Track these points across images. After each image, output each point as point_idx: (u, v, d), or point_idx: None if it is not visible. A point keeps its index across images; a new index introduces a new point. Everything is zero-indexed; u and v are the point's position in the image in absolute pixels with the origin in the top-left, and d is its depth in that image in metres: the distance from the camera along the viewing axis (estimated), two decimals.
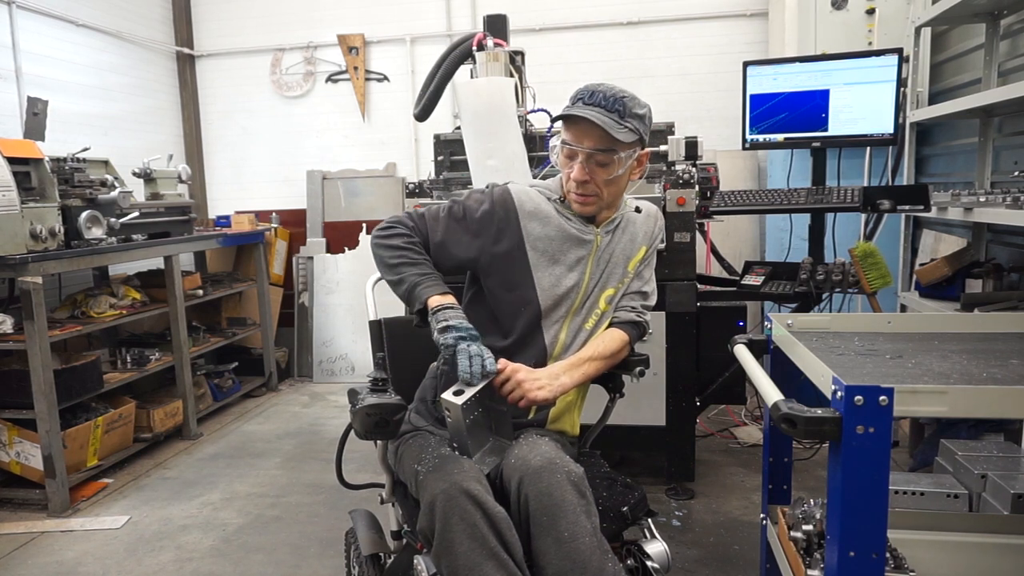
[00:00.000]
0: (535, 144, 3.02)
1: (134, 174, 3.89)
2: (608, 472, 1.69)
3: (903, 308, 3.30)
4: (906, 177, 3.43)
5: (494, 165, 2.68)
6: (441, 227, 1.66)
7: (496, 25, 2.98)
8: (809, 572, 1.41)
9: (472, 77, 2.94)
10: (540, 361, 1.65)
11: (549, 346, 1.66)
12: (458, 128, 3.29)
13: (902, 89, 3.13)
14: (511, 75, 2.87)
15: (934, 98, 3.40)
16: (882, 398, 1.06)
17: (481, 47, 2.84)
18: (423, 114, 2.99)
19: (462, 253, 1.65)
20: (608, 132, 1.52)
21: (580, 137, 1.57)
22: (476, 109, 2.68)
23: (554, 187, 1.72)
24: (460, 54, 2.91)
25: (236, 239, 4.60)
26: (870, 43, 3.58)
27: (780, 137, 3.19)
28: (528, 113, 3.00)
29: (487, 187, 1.72)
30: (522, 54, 3.00)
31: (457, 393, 1.44)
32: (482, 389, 1.46)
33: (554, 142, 1.65)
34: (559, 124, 1.61)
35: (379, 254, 1.64)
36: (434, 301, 1.53)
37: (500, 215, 1.65)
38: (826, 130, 3.10)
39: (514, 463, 1.46)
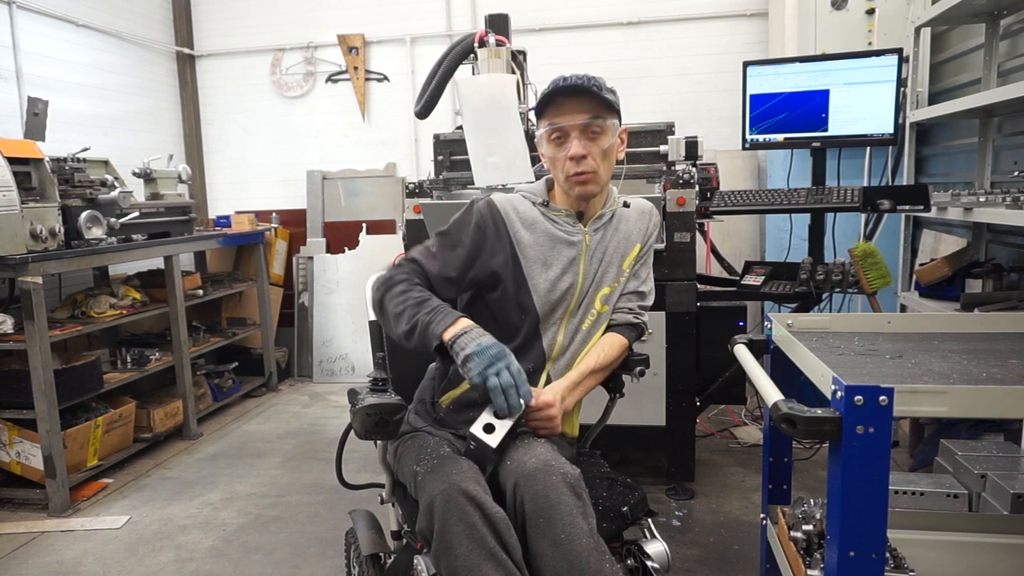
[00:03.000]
0: None
1: (134, 174, 3.89)
2: (608, 472, 1.69)
3: (903, 308, 3.30)
4: (906, 177, 3.43)
5: (495, 162, 2.67)
6: (438, 260, 1.63)
7: (498, 24, 2.98)
8: (809, 572, 1.41)
9: (475, 74, 2.94)
10: (538, 364, 1.65)
11: (547, 349, 1.66)
12: (459, 128, 3.28)
13: (902, 89, 3.13)
14: (512, 72, 2.87)
15: (934, 98, 3.40)
16: (882, 398, 1.06)
17: (483, 44, 2.84)
18: (424, 111, 2.99)
19: (463, 280, 1.64)
20: (599, 96, 1.55)
21: (572, 114, 1.58)
22: (477, 106, 2.68)
23: (538, 191, 1.71)
24: (461, 51, 2.91)
25: (236, 239, 4.60)
26: (870, 43, 3.58)
27: (780, 137, 3.19)
28: (530, 111, 3.00)
29: (470, 205, 1.69)
30: (524, 53, 3.00)
31: (487, 428, 1.42)
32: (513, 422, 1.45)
33: (537, 134, 1.64)
34: (543, 113, 1.61)
35: (385, 308, 1.58)
36: (448, 334, 1.46)
37: (490, 228, 1.64)
38: (826, 130, 3.10)
39: (510, 465, 1.45)
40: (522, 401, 1.42)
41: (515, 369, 1.42)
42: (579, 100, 1.57)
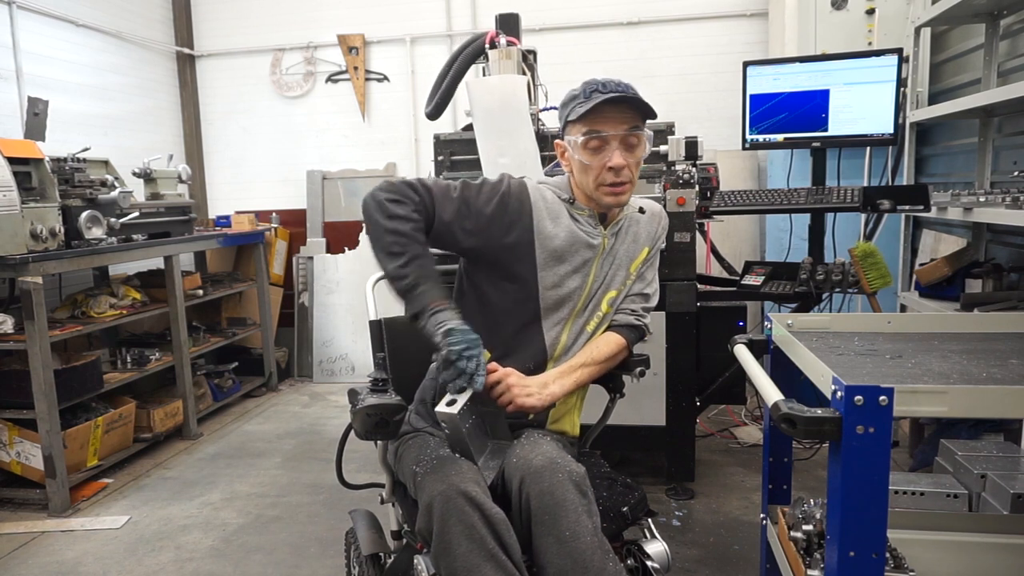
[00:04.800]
0: (547, 143, 2.99)
1: (134, 174, 3.89)
2: (608, 472, 1.69)
3: (903, 308, 3.30)
4: (906, 177, 3.43)
5: (506, 163, 2.67)
6: (452, 208, 1.56)
7: (509, 23, 2.97)
8: (809, 572, 1.41)
9: (485, 75, 2.94)
10: (539, 363, 1.64)
11: (549, 348, 1.65)
12: (464, 128, 3.28)
13: (902, 89, 3.13)
14: (523, 73, 2.86)
15: (934, 98, 3.40)
16: (882, 398, 1.06)
17: (494, 45, 2.83)
18: (436, 112, 2.97)
19: (469, 239, 1.59)
20: (643, 104, 1.55)
21: (614, 123, 1.56)
22: (488, 107, 2.67)
23: (563, 186, 1.69)
24: (473, 52, 2.90)
25: (236, 239, 4.60)
26: (870, 43, 3.58)
27: (780, 137, 3.19)
28: (540, 111, 2.99)
29: (502, 177, 1.66)
30: (534, 53, 2.99)
31: (450, 404, 1.43)
32: (473, 395, 1.45)
33: (571, 139, 1.60)
34: (576, 119, 1.58)
35: (378, 232, 1.50)
36: (434, 305, 1.45)
37: (514, 207, 1.60)
38: (826, 130, 3.10)
39: (516, 463, 1.46)
40: (475, 380, 1.42)
41: (483, 360, 1.43)
42: (621, 108, 1.56)
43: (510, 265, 1.62)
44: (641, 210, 1.74)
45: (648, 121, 1.64)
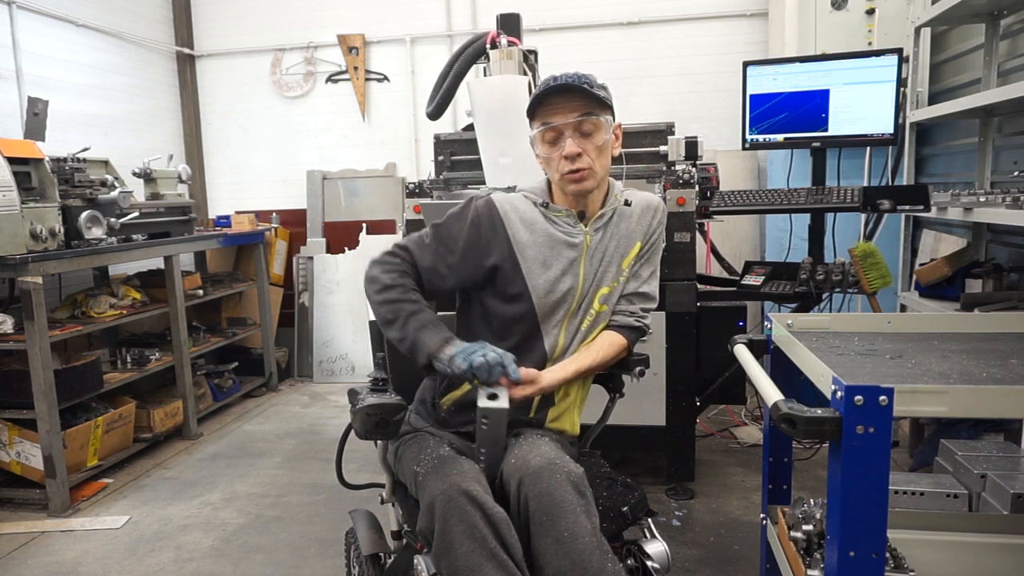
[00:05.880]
0: None
1: (134, 174, 3.89)
2: (608, 472, 1.69)
3: (903, 308, 3.30)
4: (906, 177, 3.43)
5: (507, 163, 2.67)
6: (430, 253, 1.63)
7: (509, 23, 2.97)
8: (809, 572, 1.41)
9: (486, 75, 2.94)
10: (539, 366, 1.64)
11: (549, 350, 1.65)
12: (464, 128, 3.28)
13: (902, 89, 3.13)
14: (524, 73, 2.86)
15: (934, 98, 3.40)
16: (882, 398, 1.06)
17: (495, 45, 2.83)
18: (437, 112, 2.97)
19: (455, 277, 1.64)
20: (589, 92, 1.55)
21: (564, 112, 1.58)
22: (489, 107, 2.67)
23: (539, 191, 1.70)
24: (474, 52, 2.90)
25: (236, 239, 4.60)
26: (870, 43, 3.58)
27: (780, 137, 3.19)
28: None
29: (468, 202, 1.69)
30: (535, 53, 2.99)
31: (491, 398, 1.42)
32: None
33: (532, 135, 1.64)
34: (535, 114, 1.62)
35: (373, 306, 1.60)
36: (435, 348, 1.48)
37: (487, 227, 1.63)
38: (826, 130, 3.10)
39: (514, 463, 1.46)
40: (513, 371, 1.44)
41: (499, 351, 1.45)
42: (570, 98, 1.57)
43: (502, 284, 1.63)
44: (627, 202, 1.71)
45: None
